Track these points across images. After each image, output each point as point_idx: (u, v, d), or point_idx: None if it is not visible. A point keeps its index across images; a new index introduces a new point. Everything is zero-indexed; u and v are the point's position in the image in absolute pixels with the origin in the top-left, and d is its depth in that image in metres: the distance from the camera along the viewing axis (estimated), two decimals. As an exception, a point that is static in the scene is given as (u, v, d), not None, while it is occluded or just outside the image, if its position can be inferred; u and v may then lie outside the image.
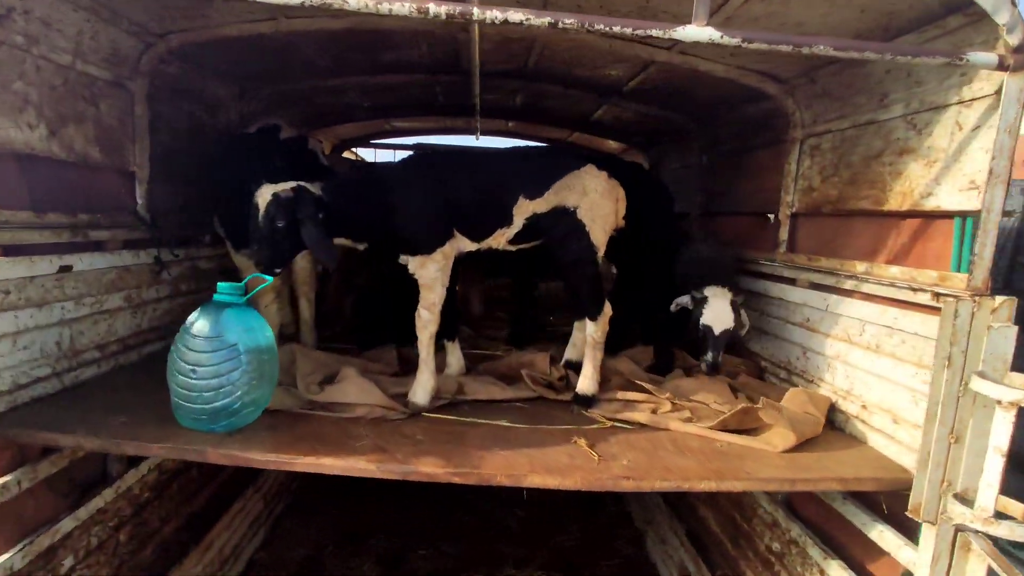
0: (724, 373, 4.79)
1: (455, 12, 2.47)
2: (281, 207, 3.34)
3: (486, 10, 2.48)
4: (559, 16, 2.49)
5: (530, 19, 2.50)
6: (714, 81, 4.82)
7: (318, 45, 4.86)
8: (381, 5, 2.46)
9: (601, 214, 4.05)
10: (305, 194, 3.43)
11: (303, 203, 3.39)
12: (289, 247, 3.45)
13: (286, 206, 3.35)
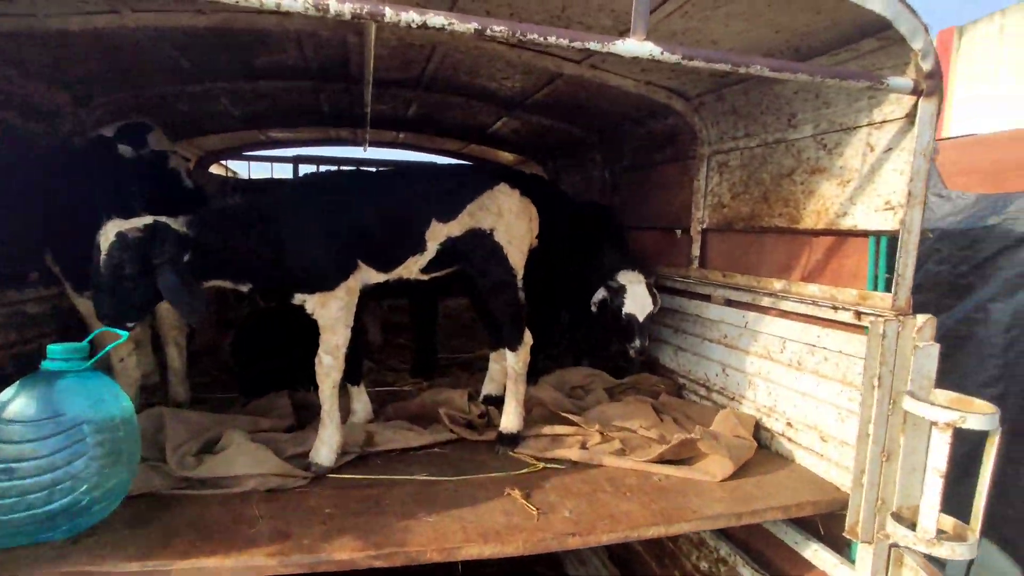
0: (644, 392, 4.72)
1: (362, 12, 2.03)
2: (129, 250, 2.64)
3: (400, 11, 2.06)
4: (487, 23, 2.14)
5: (453, 24, 2.13)
6: (621, 96, 4.73)
7: (176, 45, 4.11)
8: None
9: (518, 235, 3.76)
10: (163, 232, 2.74)
11: (160, 243, 2.69)
12: (142, 298, 2.75)
13: (136, 248, 2.66)
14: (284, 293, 3.27)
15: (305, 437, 3.55)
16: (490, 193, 3.66)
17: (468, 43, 3.94)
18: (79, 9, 3.30)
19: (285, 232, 3.15)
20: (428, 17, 2.09)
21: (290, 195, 3.43)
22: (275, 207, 3.24)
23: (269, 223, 3.15)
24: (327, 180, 3.52)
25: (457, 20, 2.12)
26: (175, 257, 2.73)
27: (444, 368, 5.61)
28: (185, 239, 2.84)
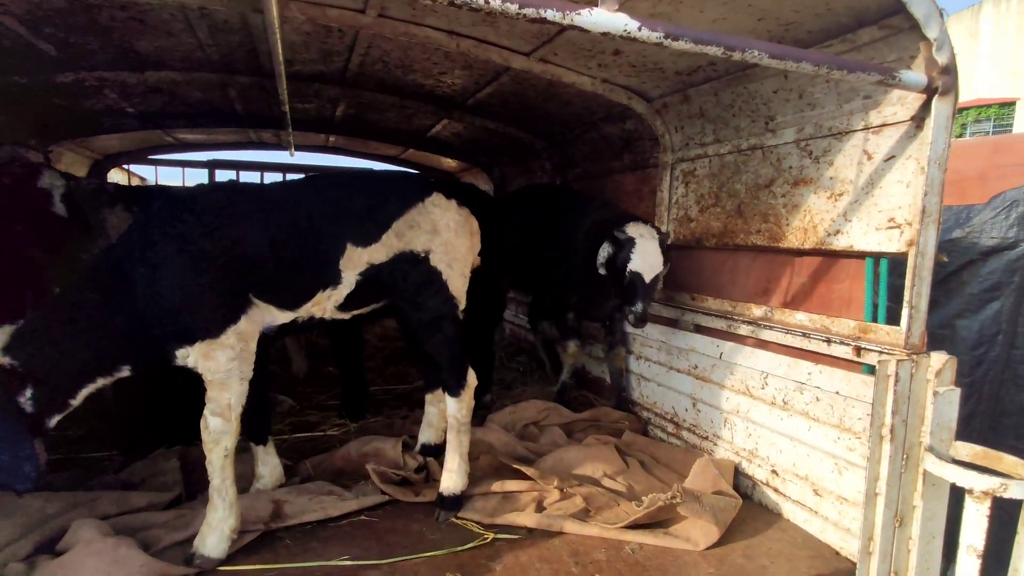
0: (606, 430, 4.18)
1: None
2: None
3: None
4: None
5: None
6: (575, 96, 4.21)
7: (25, 21, 3.27)
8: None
9: (459, 256, 3.12)
10: None
11: None
12: None
13: None
14: (159, 356, 2.53)
15: (193, 516, 2.80)
16: (421, 207, 2.99)
17: (396, 30, 3.30)
18: None
19: (141, 271, 2.41)
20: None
21: (147, 220, 2.53)
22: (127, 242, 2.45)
23: (114, 264, 2.41)
24: (200, 197, 2.65)
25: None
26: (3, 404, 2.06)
27: (378, 404, 4.90)
28: (13, 371, 2.15)
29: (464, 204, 3.23)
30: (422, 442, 3.67)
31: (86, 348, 2.37)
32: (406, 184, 3.05)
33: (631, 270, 3.59)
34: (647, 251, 3.58)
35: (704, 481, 3.13)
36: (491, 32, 3.33)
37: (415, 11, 3.15)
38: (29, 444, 2.10)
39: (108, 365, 2.45)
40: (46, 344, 2.29)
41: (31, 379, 2.24)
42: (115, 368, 2.48)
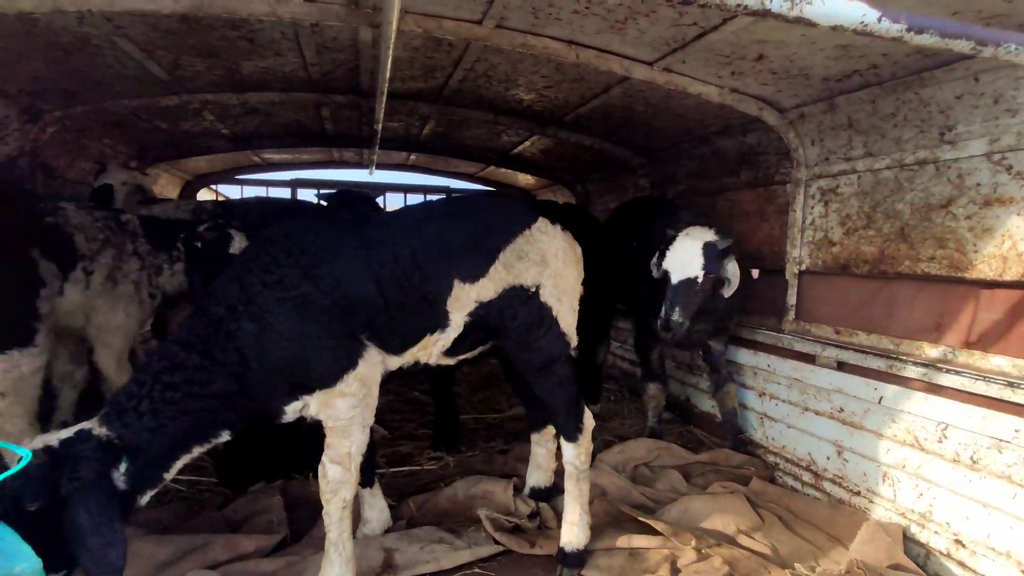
0: (728, 475, 3.77)
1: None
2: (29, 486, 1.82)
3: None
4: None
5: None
6: (692, 107, 3.88)
7: (141, 44, 3.25)
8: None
9: (568, 288, 2.79)
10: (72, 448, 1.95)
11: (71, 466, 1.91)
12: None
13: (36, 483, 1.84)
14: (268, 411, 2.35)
15: (304, 566, 2.60)
16: (528, 234, 2.67)
17: (513, 41, 3.07)
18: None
19: (245, 325, 2.22)
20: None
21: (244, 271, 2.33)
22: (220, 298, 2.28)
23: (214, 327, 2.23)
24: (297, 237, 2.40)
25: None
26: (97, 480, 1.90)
27: (470, 434, 4.65)
28: (110, 445, 1.99)
29: (566, 227, 2.93)
30: (531, 485, 3.37)
31: (186, 415, 2.18)
32: (509, 209, 2.74)
33: (663, 269, 3.30)
34: (682, 249, 3.25)
35: (876, 551, 2.68)
36: (615, 40, 3.06)
37: (537, 20, 2.92)
38: (117, 529, 1.91)
39: (207, 432, 2.27)
40: (145, 412, 2.12)
41: (127, 451, 2.06)
42: (214, 436, 2.29)
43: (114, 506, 1.94)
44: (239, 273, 2.32)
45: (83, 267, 3.24)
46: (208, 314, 2.26)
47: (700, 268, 3.21)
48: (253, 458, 3.48)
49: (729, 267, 3.38)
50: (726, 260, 3.35)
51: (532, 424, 3.29)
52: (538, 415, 3.22)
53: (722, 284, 3.40)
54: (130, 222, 3.56)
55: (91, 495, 1.89)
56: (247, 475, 3.44)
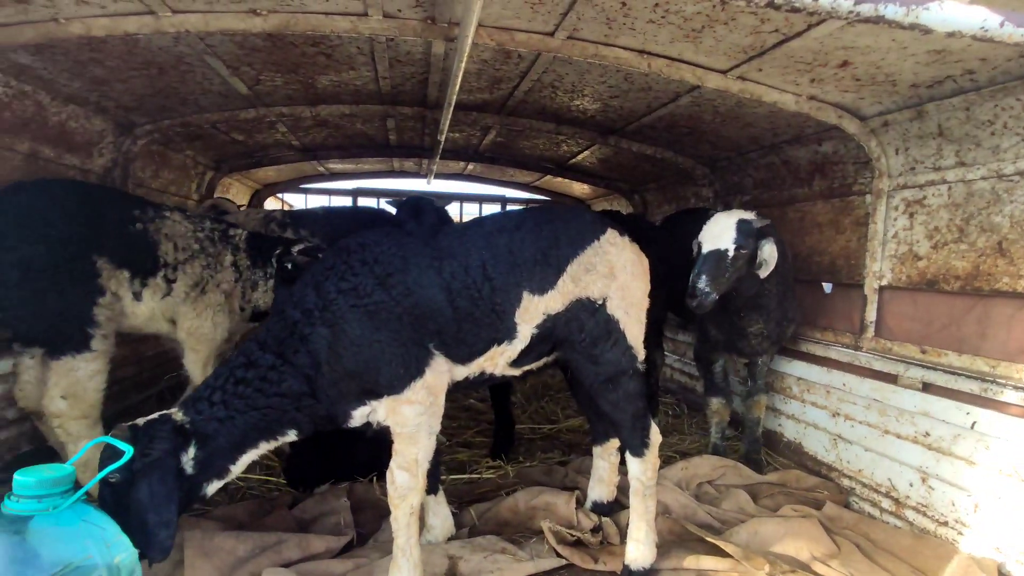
0: (798, 497, 3.61)
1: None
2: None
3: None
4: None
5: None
6: (758, 117, 3.78)
7: (228, 60, 3.42)
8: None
9: (635, 301, 2.75)
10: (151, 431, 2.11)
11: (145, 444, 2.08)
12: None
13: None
14: (336, 414, 2.42)
15: (371, 568, 2.65)
16: (597, 246, 2.65)
17: (585, 51, 3.07)
18: (104, 9, 2.61)
19: (319, 330, 2.31)
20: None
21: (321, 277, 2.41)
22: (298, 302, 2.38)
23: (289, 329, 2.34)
24: (373, 246, 2.48)
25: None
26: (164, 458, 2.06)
27: (526, 444, 4.64)
28: (182, 430, 2.16)
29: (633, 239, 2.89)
30: (593, 499, 3.33)
31: (254, 410, 2.28)
32: (578, 221, 2.71)
33: (696, 241, 3.31)
34: (715, 223, 3.25)
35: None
36: (689, 49, 3.01)
37: (610, 31, 2.91)
38: (173, 510, 2.02)
39: (274, 430, 2.36)
40: (217, 403, 2.24)
41: (197, 438, 2.18)
42: (281, 434, 2.39)
43: (176, 487, 2.06)
44: (316, 280, 2.40)
45: (164, 275, 3.39)
46: (285, 317, 2.36)
47: (732, 241, 3.16)
48: (319, 460, 3.58)
49: (766, 247, 3.26)
50: (763, 240, 3.25)
51: (595, 437, 3.25)
52: (601, 428, 3.18)
53: (756, 263, 3.28)
54: (236, 236, 3.71)
55: (156, 472, 2.02)
56: (313, 477, 3.54)
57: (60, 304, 2.99)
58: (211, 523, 2.90)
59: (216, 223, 3.71)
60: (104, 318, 3.12)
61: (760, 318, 3.66)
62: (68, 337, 3.02)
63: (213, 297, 3.60)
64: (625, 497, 3.47)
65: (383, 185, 8.70)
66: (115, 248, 3.20)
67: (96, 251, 3.11)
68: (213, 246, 3.62)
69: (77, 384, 3.03)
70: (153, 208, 3.42)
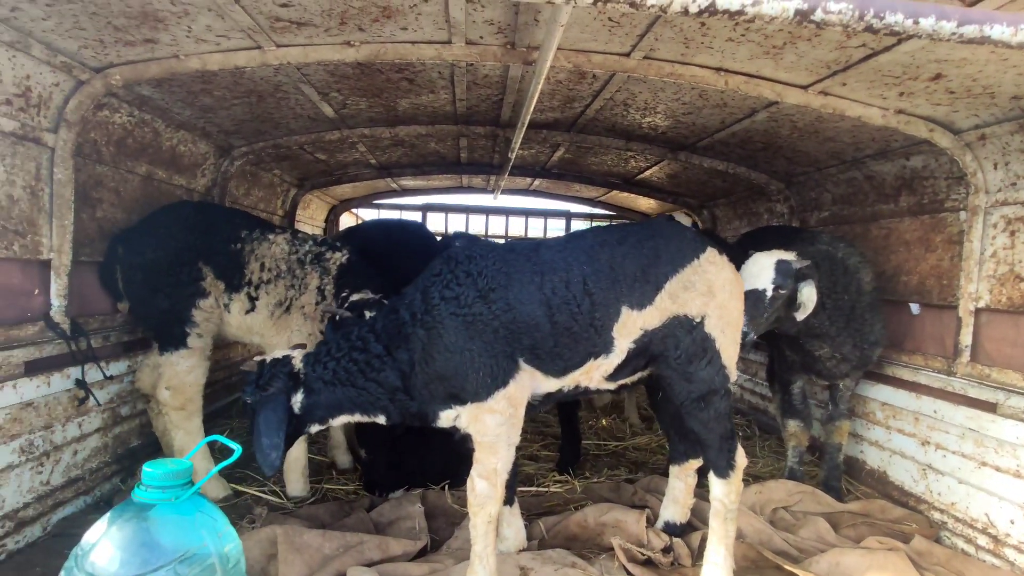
0: (883, 529, 3.43)
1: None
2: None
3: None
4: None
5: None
6: (840, 131, 3.67)
7: (320, 87, 3.68)
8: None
9: (732, 320, 2.75)
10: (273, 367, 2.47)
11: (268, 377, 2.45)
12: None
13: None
14: (427, 412, 2.57)
15: (446, 574, 2.73)
16: (696, 264, 2.66)
17: (661, 71, 3.11)
18: (218, 45, 2.89)
19: (418, 332, 2.46)
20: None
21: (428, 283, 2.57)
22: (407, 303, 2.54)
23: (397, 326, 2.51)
24: (476, 255, 2.60)
25: None
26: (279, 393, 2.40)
27: (593, 461, 4.64)
28: (296, 376, 2.48)
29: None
30: (665, 519, 3.29)
31: (352, 387, 2.51)
32: (679, 238, 2.73)
33: None
34: (754, 263, 3.30)
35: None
36: (768, 65, 2.99)
37: (687, 50, 2.93)
38: (282, 436, 2.33)
39: (367, 408, 2.58)
40: (328, 368, 2.51)
41: (305, 387, 2.49)
42: (372, 413, 2.59)
43: (286, 420, 2.37)
44: (424, 285, 2.55)
45: (247, 292, 3.60)
46: (398, 315, 2.53)
47: (770, 282, 3.17)
48: (395, 467, 3.72)
49: (805, 290, 3.24)
50: (802, 283, 3.23)
51: (674, 456, 3.22)
52: (682, 448, 3.15)
53: (795, 304, 3.27)
54: (331, 260, 3.74)
55: (271, 404, 2.36)
56: (389, 482, 3.68)
57: (167, 303, 3.42)
58: (296, 521, 3.08)
59: (319, 246, 3.80)
60: (201, 319, 3.50)
61: (825, 344, 3.58)
62: (171, 334, 3.44)
63: (295, 317, 3.70)
64: (697, 520, 3.43)
65: (451, 200, 8.96)
66: (218, 261, 3.53)
67: (203, 261, 3.49)
68: (301, 269, 3.70)
69: (176, 377, 3.42)
70: (261, 229, 3.67)
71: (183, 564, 1.85)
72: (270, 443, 2.31)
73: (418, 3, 2.55)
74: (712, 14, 1.25)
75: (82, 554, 1.81)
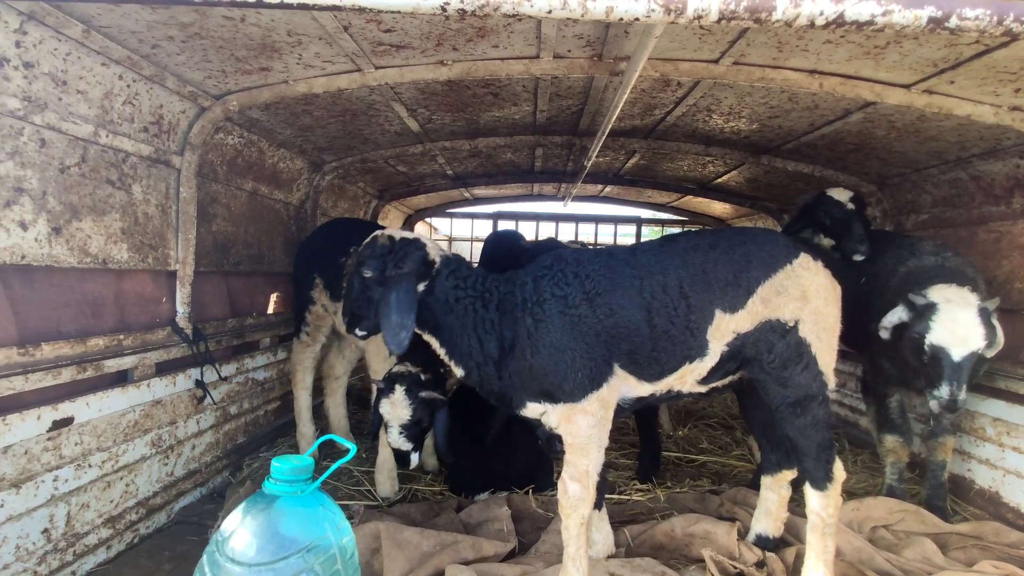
0: (998, 553, 3.20)
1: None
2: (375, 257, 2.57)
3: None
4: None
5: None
6: (944, 130, 3.48)
7: (408, 104, 3.86)
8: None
9: (828, 326, 2.68)
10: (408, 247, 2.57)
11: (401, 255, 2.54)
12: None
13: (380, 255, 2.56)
14: (511, 397, 2.62)
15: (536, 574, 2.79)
16: (789, 269, 2.63)
17: (751, 76, 3.07)
18: (323, 70, 3.10)
19: (521, 326, 2.51)
20: (849, 5, 1.24)
21: (537, 277, 2.64)
22: (515, 294, 2.60)
23: (506, 309, 2.56)
24: (580, 259, 2.68)
25: (899, 5, 1.23)
26: (411, 275, 2.47)
27: (672, 469, 4.57)
28: (430, 265, 2.54)
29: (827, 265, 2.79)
30: (757, 532, 3.21)
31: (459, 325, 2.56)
32: (771, 244, 2.71)
33: (931, 343, 3.01)
34: (956, 321, 2.96)
35: None
36: (867, 66, 2.89)
37: (779, 54, 2.88)
38: (412, 318, 2.38)
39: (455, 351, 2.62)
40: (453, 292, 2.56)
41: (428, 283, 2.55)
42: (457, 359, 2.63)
43: (414, 301, 2.41)
44: (537, 275, 2.61)
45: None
46: (513, 295, 2.58)
47: (982, 339, 2.95)
48: (479, 469, 3.83)
49: (997, 330, 3.07)
50: (993, 321, 3.06)
51: (766, 467, 3.15)
52: (775, 458, 3.08)
53: (993, 345, 3.07)
54: None
55: (404, 283, 2.40)
56: (474, 484, 3.79)
57: (294, 304, 4.22)
58: (392, 518, 3.23)
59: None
60: (311, 319, 4.10)
61: None
62: (294, 327, 4.20)
63: None
64: (790, 536, 3.33)
65: (523, 208, 9.07)
66: (326, 273, 3.91)
67: (317, 272, 3.96)
68: None
69: (296, 361, 4.19)
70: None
71: (310, 553, 2.00)
72: (400, 322, 2.35)
73: (512, 22, 2.65)
74: (840, 25, 1.25)
75: (222, 540, 1.98)
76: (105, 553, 2.76)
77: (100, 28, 2.35)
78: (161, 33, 2.45)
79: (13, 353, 2.24)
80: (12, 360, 2.23)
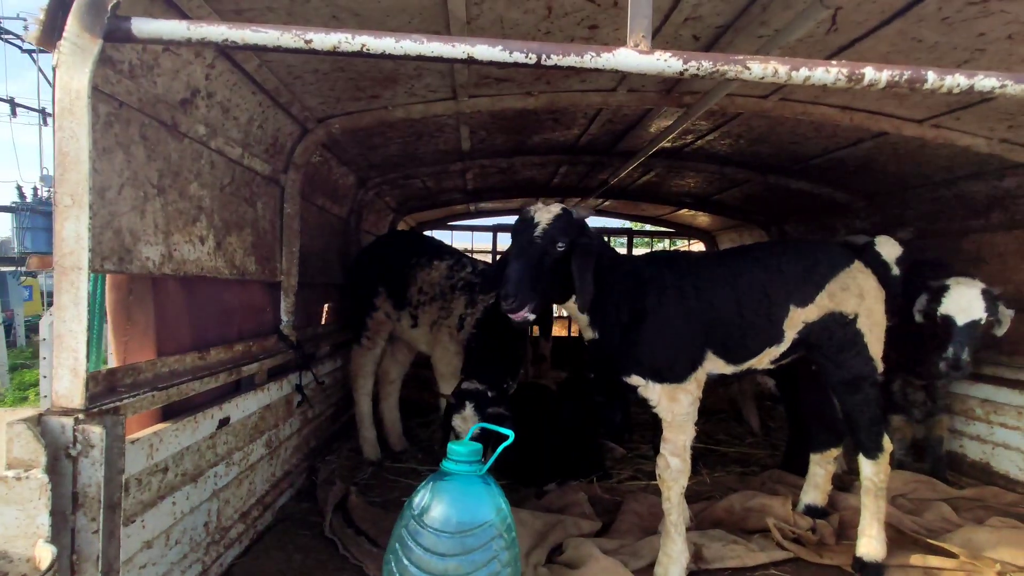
0: (999, 512, 3.79)
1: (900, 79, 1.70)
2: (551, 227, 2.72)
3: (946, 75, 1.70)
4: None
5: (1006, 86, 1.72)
6: (938, 156, 4.12)
7: (473, 127, 4.19)
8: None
9: (877, 321, 3.25)
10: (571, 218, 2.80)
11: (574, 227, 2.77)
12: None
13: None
14: (620, 368, 3.00)
15: (635, 547, 3.16)
16: (849, 272, 3.20)
17: (794, 110, 3.59)
18: (424, 98, 3.40)
19: (648, 304, 2.91)
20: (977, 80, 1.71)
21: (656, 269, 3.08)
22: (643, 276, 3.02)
23: (638, 289, 2.96)
24: (687, 260, 3.23)
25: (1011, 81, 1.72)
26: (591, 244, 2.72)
27: (703, 457, 5.03)
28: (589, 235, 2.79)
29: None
30: (807, 503, 3.70)
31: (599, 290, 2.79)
32: (833, 251, 3.31)
33: (941, 313, 3.71)
34: (961, 296, 3.68)
35: None
36: (891, 104, 3.45)
37: (822, 92, 3.40)
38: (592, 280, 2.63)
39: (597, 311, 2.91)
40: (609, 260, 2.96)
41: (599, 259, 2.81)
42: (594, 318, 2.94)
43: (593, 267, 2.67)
44: (661, 262, 3.10)
45: (409, 311, 4.28)
46: (640, 272, 3.00)
47: (983, 311, 3.61)
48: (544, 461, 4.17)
49: (1001, 308, 3.69)
50: (998, 303, 3.71)
51: (815, 445, 3.66)
52: (824, 437, 3.59)
53: (994, 326, 3.72)
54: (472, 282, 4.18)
55: (590, 251, 2.68)
56: (540, 476, 4.12)
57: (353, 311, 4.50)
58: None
59: (474, 274, 4.24)
60: (372, 325, 4.40)
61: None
62: (354, 333, 4.49)
63: (443, 333, 4.17)
64: (830, 506, 3.83)
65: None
66: (390, 282, 4.23)
67: (380, 282, 4.26)
68: (452, 294, 4.17)
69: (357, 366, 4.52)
70: (429, 256, 4.30)
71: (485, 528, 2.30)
72: (583, 285, 2.61)
73: (611, 62, 3.05)
74: (967, 93, 1.72)
75: (418, 512, 2.26)
76: (239, 547, 2.94)
77: (266, 62, 2.60)
78: (311, 66, 2.72)
79: (195, 357, 2.44)
80: (194, 364, 2.44)
